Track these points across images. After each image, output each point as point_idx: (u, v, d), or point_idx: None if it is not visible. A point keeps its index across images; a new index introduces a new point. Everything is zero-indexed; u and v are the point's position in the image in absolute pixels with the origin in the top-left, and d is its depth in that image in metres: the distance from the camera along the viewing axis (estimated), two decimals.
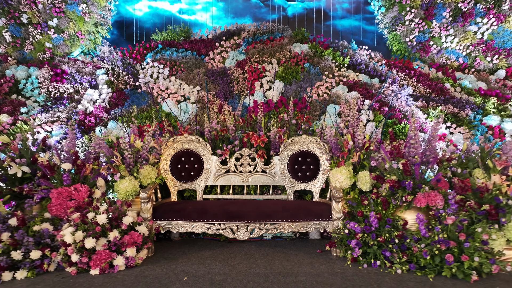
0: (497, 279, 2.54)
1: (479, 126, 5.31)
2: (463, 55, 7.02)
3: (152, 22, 8.85)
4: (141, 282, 2.52)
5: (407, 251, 2.77)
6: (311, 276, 2.62)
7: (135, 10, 8.81)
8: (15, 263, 2.60)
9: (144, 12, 8.90)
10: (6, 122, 5.05)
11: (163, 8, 9.04)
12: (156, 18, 8.91)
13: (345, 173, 3.22)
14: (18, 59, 6.72)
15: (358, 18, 8.76)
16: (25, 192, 2.99)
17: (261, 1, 9.09)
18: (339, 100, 5.36)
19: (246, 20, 9.00)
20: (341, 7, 8.88)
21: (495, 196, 2.67)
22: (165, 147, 3.69)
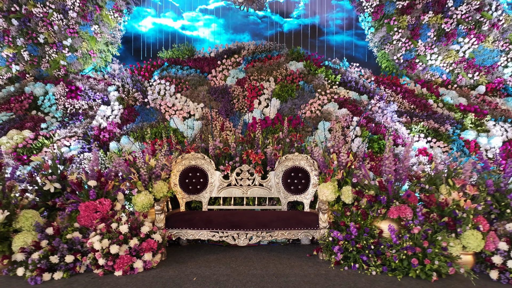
0: (454, 279, 3.04)
1: (457, 141, 5.81)
2: (446, 72, 7.53)
3: (157, 37, 9.38)
4: (158, 282, 3.01)
5: (381, 256, 3.27)
6: (299, 277, 3.11)
7: (140, 27, 9.33)
8: (52, 265, 3.09)
9: (148, 28, 9.42)
10: (29, 137, 5.55)
11: (167, 25, 9.56)
12: (160, 34, 9.44)
13: (331, 188, 3.72)
14: (35, 76, 7.23)
15: (350, 34, 9.29)
16: (58, 205, 3.49)
17: (259, 17, 9.61)
18: (330, 116, 5.86)
19: (245, 35, 9.53)
20: (334, 24, 9.41)
21: (453, 210, 3.17)
22: (174, 164, 4.20)
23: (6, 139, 5.49)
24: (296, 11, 9.53)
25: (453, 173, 3.62)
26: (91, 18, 7.23)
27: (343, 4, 9.17)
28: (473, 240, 3.09)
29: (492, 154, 5.62)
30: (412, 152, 5.44)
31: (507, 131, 6.11)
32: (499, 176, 3.68)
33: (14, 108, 6.33)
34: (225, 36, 9.62)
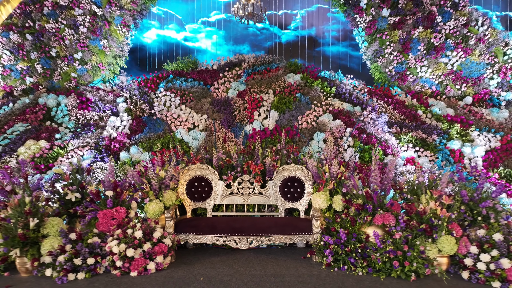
0: (430, 279, 3.43)
1: (443, 150, 6.21)
2: (435, 83, 7.94)
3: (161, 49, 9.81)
4: (169, 281, 3.40)
5: (367, 258, 3.65)
6: (294, 277, 3.50)
7: (144, 38, 9.77)
8: (76, 267, 3.48)
9: (152, 39, 9.86)
10: (44, 147, 5.94)
11: (170, 36, 10.00)
12: (164, 45, 9.87)
13: (323, 197, 4.11)
14: (48, 87, 7.63)
15: (345, 45, 9.72)
16: (79, 213, 3.89)
17: (258, 29, 10.04)
18: (325, 127, 6.26)
19: (244, 46, 9.96)
20: (330, 35, 9.84)
21: (430, 217, 3.57)
22: (182, 174, 4.59)
23: (24, 149, 5.89)
24: (293, 23, 9.96)
25: (433, 184, 4.02)
26: (100, 33, 7.64)
27: (339, 16, 9.58)
28: (447, 245, 3.48)
29: (475, 163, 6.02)
30: (400, 161, 5.86)
31: (490, 141, 6.51)
32: (474, 186, 4.08)
33: (30, 119, 6.73)
34: (226, 47, 10.05)
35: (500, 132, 6.70)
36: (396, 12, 7.77)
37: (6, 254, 3.38)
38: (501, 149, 6.37)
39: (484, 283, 3.34)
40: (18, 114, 6.86)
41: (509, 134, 6.67)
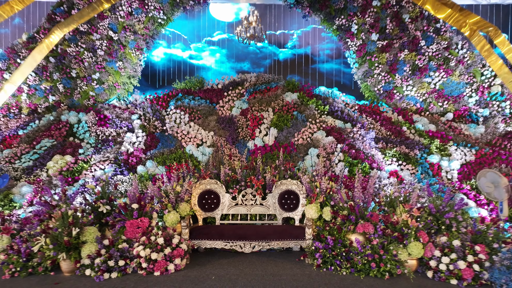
0: (401, 278, 4.14)
1: (423, 164, 6.93)
2: (420, 100, 8.68)
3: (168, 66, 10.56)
4: (186, 280, 4.11)
5: (350, 260, 4.35)
6: (289, 276, 4.21)
7: (153, 56, 10.51)
8: (110, 268, 4.18)
9: (160, 58, 10.60)
10: (70, 162, 6.66)
11: (176, 54, 10.74)
12: (170, 63, 10.62)
13: (315, 209, 4.83)
14: (69, 105, 8.36)
15: (338, 62, 10.46)
16: (110, 223, 4.60)
17: (258, 48, 10.78)
18: (319, 143, 6.99)
19: (245, 63, 10.70)
20: (324, 53, 10.58)
21: (401, 227, 4.29)
22: (194, 188, 5.30)
23: (52, 163, 6.61)
24: (290, 42, 10.70)
25: (406, 198, 4.74)
26: (116, 55, 8.38)
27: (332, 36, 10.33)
28: (415, 249, 4.20)
29: (451, 175, 6.75)
30: (384, 174, 6.57)
31: (466, 155, 7.23)
32: (440, 200, 4.80)
33: (55, 135, 7.45)
34: (228, 64, 10.79)
35: (476, 147, 7.42)
36: (384, 36, 8.50)
37: (55, 257, 4.10)
38: (475, 162, 7.10)
39: (444, 280, 4.05)
40: (44, 131, 7.58)
41: (483, 148, 7.40)
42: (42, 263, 4.15)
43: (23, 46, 8.20)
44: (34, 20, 10.46)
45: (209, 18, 10.66)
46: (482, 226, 4.60)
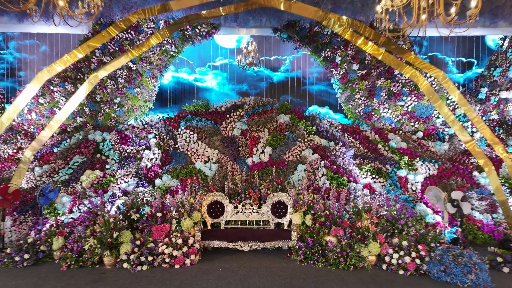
0: (362, 269, 5.36)
1: (393, 177, 8.17)
2: (394, 121, 9.93)
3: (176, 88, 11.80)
4: (200, 271, 5.33)
5: (325, 257, 5.58)
6: (278, 268, 5.43)
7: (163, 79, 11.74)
8: (141, 262, 5.39)
9: (169, 80, 11.84)
10: (99, 176, 7.89)
11: (183, 77, 11.99)
12: (178, 85, 11.86)
13: (299, 216, 6.06)
14: (94, 125, 9.59)
15: (325, 84, 11.71)
16: (140, 228, 5.83)
17: (255, 72, 12.01)
18: (306, 160, 8.22)
19: (243, 85, 11.96)
20: (313, 76, 11.84)
21: (363, 231, 5.52)
22: (204, 200, 6.54)
23: (85, 177, 7.84)
24: (283, 66, 11.97)
25: (370, 208, 5.98)
26: (135, 83, 9.63)
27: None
28: (374, 248, 5.43)
29: (415, 187, 7.99)
30: (360, 186, 7.80)
31: (430, 169, 8.47)
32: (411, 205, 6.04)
33: (84, 152, 8.68)
34: (228, 86, 12.05)
35: (438, 162, 8.67)
36: (363, 66, 9.77)
37: (101, 254, 5.32)
38: (437, 175, 8.34)
39: (394, 271, 5.27)
40: (74, 148, 8.81)
41: (445, 163, 8.65)
42: (91, 258, 5.38)
43: (55, 75, 9.45)
44: (57, 49, 11.67)
45: (213, 44, 11.90)
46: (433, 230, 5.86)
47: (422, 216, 7.11)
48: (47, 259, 5.73)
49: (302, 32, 9.78)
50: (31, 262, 5.51)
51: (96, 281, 4.90)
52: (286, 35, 9.94)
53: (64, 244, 5.60)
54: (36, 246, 5.67)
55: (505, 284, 4.87)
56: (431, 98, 6.27)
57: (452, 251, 5.02)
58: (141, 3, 8.55)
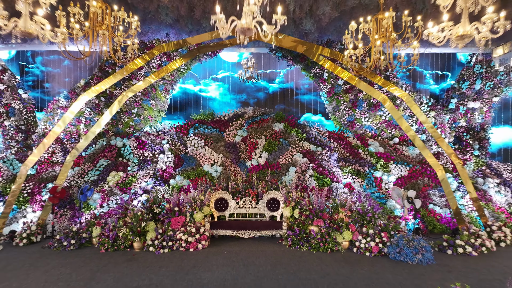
0: (337, 252, 6.64)
1: (370, 178, 9.45)
2: (374, 128, 11.19)
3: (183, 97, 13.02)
4: (209, 253, 6.60)
5: (309, 242, 6.85)
6: (272, 251, 6.70)
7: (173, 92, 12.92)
8: (163, 246, 6.66)
9: (177, 91, 13.05)
10: (122, 176, 9.15)
11: (189, 88, 13.21)
12: (184, 95, 13.09)
13: (289, 210, 7.34)
14: (114, 132, 10.84)
15: (315, 94, 12.94)
16: (161, 219, 7.10)
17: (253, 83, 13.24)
18: (296, 163, 9.49)
19: (243, 95, 13.19)
20: (304, 87, 13.08)
21: (339, 222, 6.80)
22: (211, 197, 7.81)
23: (110, 177, 9.10)
24: (278, 78, 13.21)
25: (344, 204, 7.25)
26: (150, 96, 10.87)
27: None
28: (347, 235, 6.71)
29: (388, 186, 9.26)
30: (341, 185, 9.08)
31: (402, 171, 9.75)
32: (383, 202, 7.30)
33: (108, 156, 9.93)
34: (229, 96, 13.29)
35: (410, 165, 9.94)
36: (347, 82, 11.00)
37: (132, 240, 6.60)
38: (407, 176, 9.61)
39: (362, 253, 6.55)
40: (99, 152, 10.06)
41: (415, 166, 9.92)
42: (124, 243, 6.66)
43: (81, 89, 10.70)
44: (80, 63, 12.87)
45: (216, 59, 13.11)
46: (393, 221, 7.14)
47: (391, 210, 8.40)
48: (88, 244, 7.01)
49: (294, 52, 11.01)
50: (76, 246, 6.79)
51: (130, 260, 6.17)
52: (280, 54, 11.17)
53: (101, 232, 6.88)
54: (79, 234, 6.95)
55: (446, 261, 6.16)
56: (394, 115, 7.55)
57: (406, 237, 6.31)
58: (155, 29, 9.78)
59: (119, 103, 7.65)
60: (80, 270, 5.62)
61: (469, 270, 5.68)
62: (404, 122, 7.65)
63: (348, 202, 7.18)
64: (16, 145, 11.26)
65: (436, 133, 7.74)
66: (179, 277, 5.32)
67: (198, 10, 7.14)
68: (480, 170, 10.08)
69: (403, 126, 7.63)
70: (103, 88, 8.08)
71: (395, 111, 7.57)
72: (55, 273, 5.49)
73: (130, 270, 5.64)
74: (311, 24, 7.88)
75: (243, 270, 5.61)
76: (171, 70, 7.81)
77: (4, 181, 8.98)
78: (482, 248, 6.61)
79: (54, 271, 5.60)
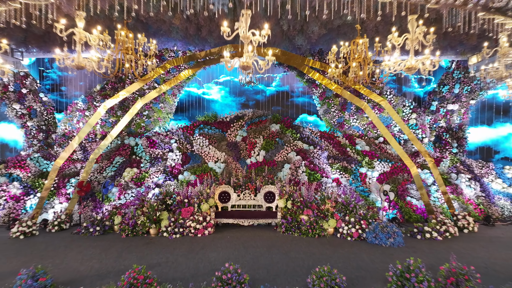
0: (324, 237, 7.65)
1: (356, 173, 10.43)
2: (361, 129, 12.15)
3: (187, 100, 13.94)
4: (215, 238, 7.60)
5: (300, 229, 7.85)
6: (268, 236, 7.70)
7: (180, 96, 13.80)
8: (175, 232, 7.67)
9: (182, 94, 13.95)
10: (136, 172, 10.12)
11: (193, 91, 14.12)
12: (189, 97, 14.00)
13: (283, 201, 8.34)
14: (127, 132, 11.79)
15: (308, 97, 13.87)
16: (173, 209, 8.10)
17: (252, 87, 14.16)
18: (291, 160, 10.47)
19: (242, 98, 14.12)
20: (298, 90, 14.00)
21: (325, 211, 7.80)
22: (216, 190, 8.79)
23: (126, 173, 10.08)
24: (274, 82, 14.12)
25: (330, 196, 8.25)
26: (159, 99, 11.79)
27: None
28: (332, 223, 7.71)
29: (372, 181, 10.25)
30: (330, 180, 10.07)
31: (384, 167, 10.73)
32: (366, 194, 8.31)
33: (123, 154, 10.90)
34: (230, 98, 14.22)
35: (392, 162, 10.92)
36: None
37: (148, 227, 7.61)
38: (389, 172, 10.59)
39: (344, 238, 7.54)
40: (115, 151, 11.02)
41: (397, 163, 10.90)
42: (142, 229, 7.66)
43: (97, 93, 11.63)
44: None
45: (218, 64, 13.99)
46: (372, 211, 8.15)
47: (373, 202, 9.41)
48: (110, 231, 8.01)
49: None
50: (101, 232, 7.79)
51: (148, 244, 7.18)
52: (277, 62, 12.08)
53: (122, 220, 7.88)
54: (103, 222, 7.95)
55: (414, 244, 7.16)
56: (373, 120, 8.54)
57: (381, 224, 7.31)
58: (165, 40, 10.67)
59: (135, 108, 8.60)
60: (108, 251, 6.63)
61: (431, 251, 6.70)
62: (382, 125, 8.63)
63: (334, 195, 8.18)
64: (37, 144, 12.21)
65: (411, 135, 8.71)
66: (190, 256, 6.33)
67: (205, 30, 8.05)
68: (454, 166, 11.06)
69: (381, 129, 8.61)
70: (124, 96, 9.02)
71: (374, 116, 8.54)
72: (87, 253, 6.50)
73: (149, 251, 6.65)
74: (303, 40, 8.78)
75: (243, 251, 6.62)
76: (181, 79, 8.74)
77: (32, 177, 9.96)
78: (446, 233, 7.62)
79: (86, 251, 6.61)
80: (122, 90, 11.40)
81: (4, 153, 13.16)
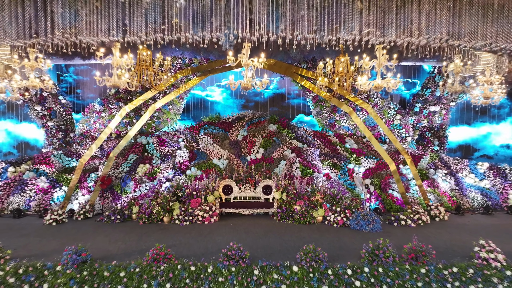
0: (313, 225, 8.68)
1: (344, 169, 11.44)
2: (351, 129, 13.13)
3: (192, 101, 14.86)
4: (220, 225, 8.62)
5: (293, 217, 8.87)
6: (265, 223, 8.71)
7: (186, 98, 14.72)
8: (185, 220, 8.69)
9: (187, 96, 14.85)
10: (149, 168, 11.13)
11: (197, 94, 15.04)
12: (193, 99, 14.93)
13: (278, 194, 9.35)
14: (139, 132, 12.77)
15: (303, 99, 14.79)
16: (183, 200, 9.11)
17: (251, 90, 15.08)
18: (286, 157, 11.47)
19: (242, 100, 15.05)
20: (294, 93, 14.92)
21: (315, 202, 8.82)
22: (220, 184, 9.80)
23: (140, 169, 11.08)
24: (272, 85, 15.05)
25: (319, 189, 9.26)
26: (168, 102, 12.73)
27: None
28: (320, 212, 8.73)
29: (358, 176, 11.26)
30: (321, 175, 11.08)
31: (370, 163, 11.73)
32: (352, 187, 9.33)
33: (136, 151, 11.88)
34: (231, 100, 15.16)
35: (377, 158, 11.92)
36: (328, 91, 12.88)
37: (163, 215, 8.63)
38: (374, 168, 11.59)
39: (331, 225, 8.57)
40: (129, 149, 12.01)
41: (381, 160, 11.89)
42: (157, 217, 8.68)
43: (112, 97, 12.58)
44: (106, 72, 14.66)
45: None
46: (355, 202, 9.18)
47: (359, 194, 10.43)
48: (128, 219, 9.03)
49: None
50: (121, 220, 8.82)
51: (162, 229, 8.20)
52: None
53: (139, 210, 8.90)
54: (123, 211, 8.97)
55: (390, 230, 8.18)
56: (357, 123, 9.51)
57: (363, 213, 8.33)
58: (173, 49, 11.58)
59: (149, 112, 9.57)
60: (130, 235, 7.66)
61: (404, 235, 7.73)
62: (365, 128, 9.64)
63: (323, 188, 9.20)
64: (57, 142, 13.19)
65: (392, 136, 9.71)
66: (199, 239, 7.36)
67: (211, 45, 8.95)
68: (433, 163, 12.07)
69: (365, 131, 9.60)
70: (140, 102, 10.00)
71: (358, 120, 9.54)
72: (113, 237, 7.53)
73: (164, 235, 7.68)
74: (297, 52, 9.72)
75: (244, 235, 7.64)
76: (189, 87, 9.69)
77: (57, 172, 10.97)
78: (419, 221, 8.66)
79: (112, 235, 7.64)
80: (136, 95, 12.43)
81: (26, 150, 14.14)
